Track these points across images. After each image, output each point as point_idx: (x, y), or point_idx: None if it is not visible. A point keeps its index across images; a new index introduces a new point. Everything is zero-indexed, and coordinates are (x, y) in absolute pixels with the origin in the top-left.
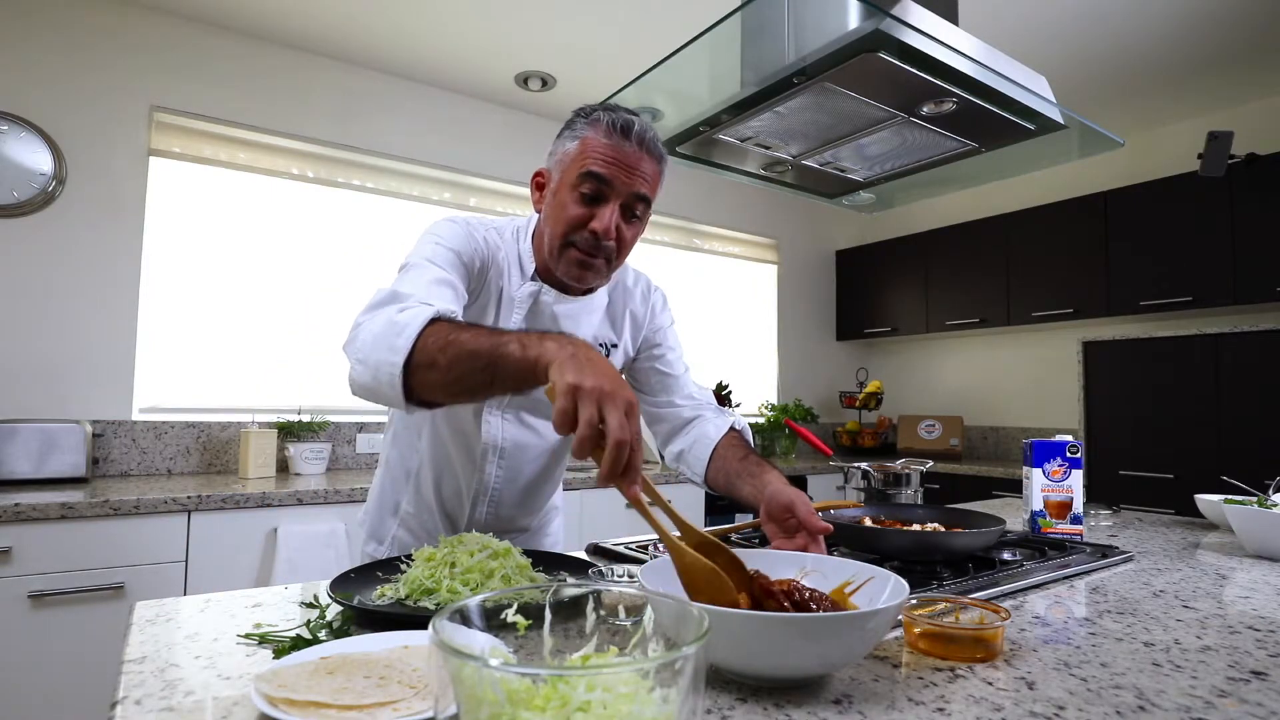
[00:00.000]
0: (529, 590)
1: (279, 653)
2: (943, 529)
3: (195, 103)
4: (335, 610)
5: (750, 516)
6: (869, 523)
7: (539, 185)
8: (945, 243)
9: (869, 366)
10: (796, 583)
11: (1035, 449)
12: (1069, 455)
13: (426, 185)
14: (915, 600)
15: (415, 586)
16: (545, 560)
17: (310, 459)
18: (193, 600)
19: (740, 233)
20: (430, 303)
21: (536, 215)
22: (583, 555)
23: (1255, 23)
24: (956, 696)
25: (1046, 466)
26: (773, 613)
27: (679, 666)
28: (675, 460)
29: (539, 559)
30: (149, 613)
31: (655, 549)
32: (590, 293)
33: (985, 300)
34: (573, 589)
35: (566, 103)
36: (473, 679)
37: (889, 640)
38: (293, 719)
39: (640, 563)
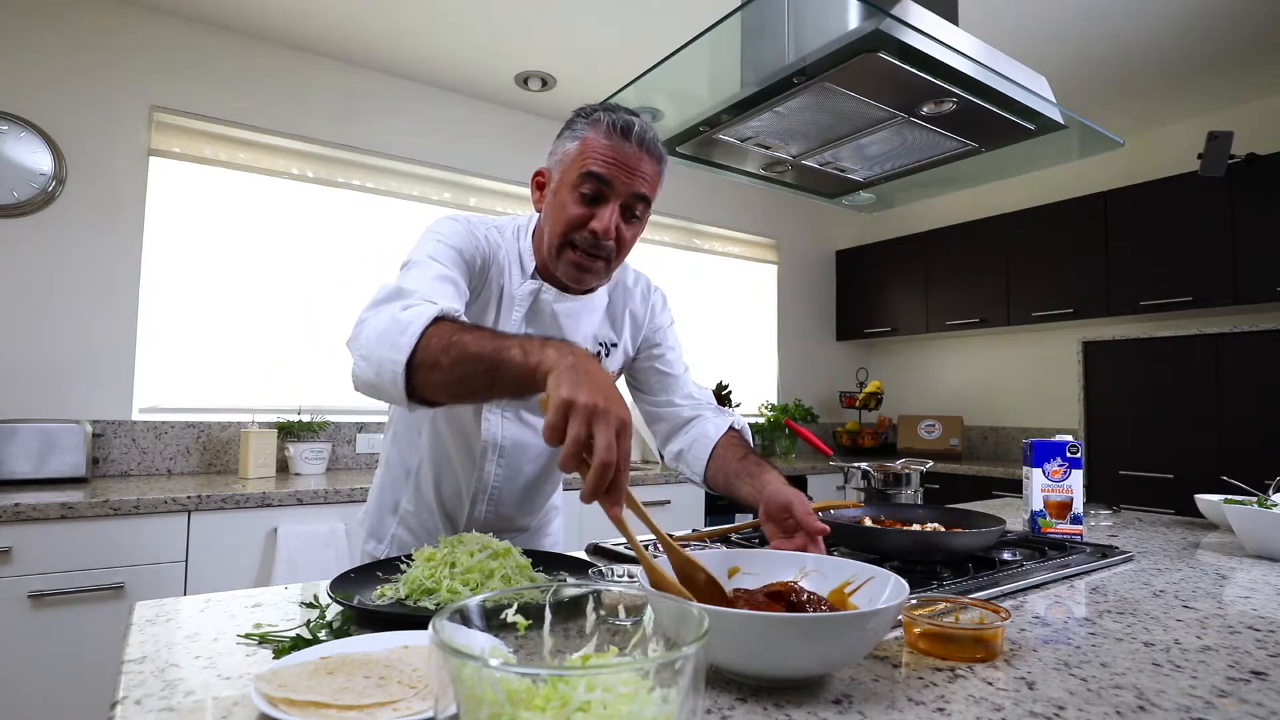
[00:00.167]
0: (529, 590)
1: (279, 653)
2: (943, 529)
3: (195, 103)
4: (335, 610)
5: (750, 516)
6: (869, 523)
7: (539, 185)
8: (945, 243)
9: (869, 366)
10: (794, 584)
11: (1035, 449)
12: (1069, 455)
13: (426, 185)
14: (915, 600)
15: (415, 586)
16: (545, 560)
17: (310, 459)
18: (193, 600)
19: (740, 233)
20: (434, 300)
21: (537, 214)
22: (583, 555)
23: (1255, 23)
24: (956, 696)
25: (1046, 466)
26: (773, 613)
27: (679, 666)
28: (674, 459)
29: (539, 559)
30: (149, 613)
31: (655, 549)
32: (590, 292)
33: (985, 300)
34: (573, 589)
35: (566, 103)
36: (473, 679)
37: (889, 640)
38: (293, 719)
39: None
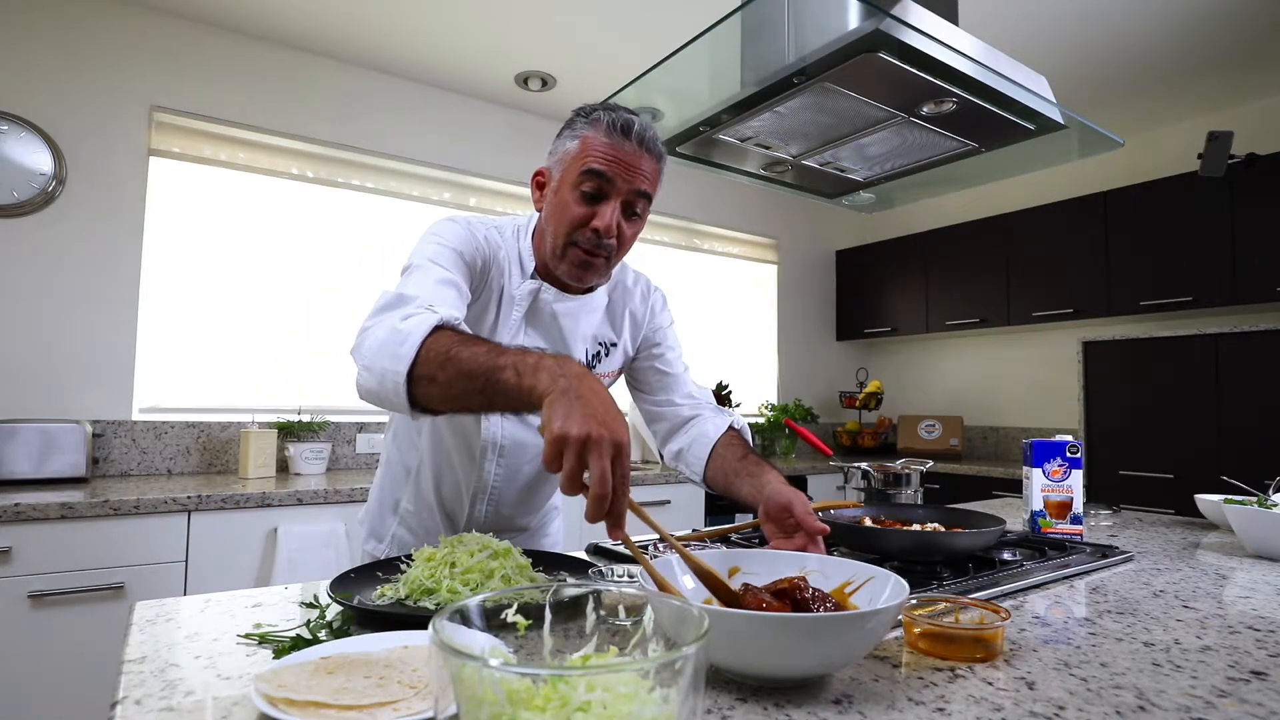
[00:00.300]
0: (529, 590)
1: (279, 653)
2: (943, 529)
3: (195, 103)
4: (335, 610)
5: (750, 516)
6: (869, 523)
7: (539, 184)
8: (945, 243)
9: (869, 366)
10: (799, 581)
11: (1035, 449)
12: (1069, 455)
13: (426, 185)
14: (915, 600)
15: (415, 586)
16: (545, 560)
17: (310, 459)
18: (193, 600)
19: (740, 233)
20: (435, 306)
21: (536, 214)
22: (583, 555)
23: (1255, 23)
24: (956, 696)
25: (1046, 466)
26: (773, 613)
27: (679, 666)
28: (674, 459)
29: (539, 559)
30: (149, 613)
31: (655, 549)
32: (590, 291)
33: (985, 300)
34: (573, 589)
35: (566, 103)
36: (473, 679)
37: (889, 640)
38: (293, 719)
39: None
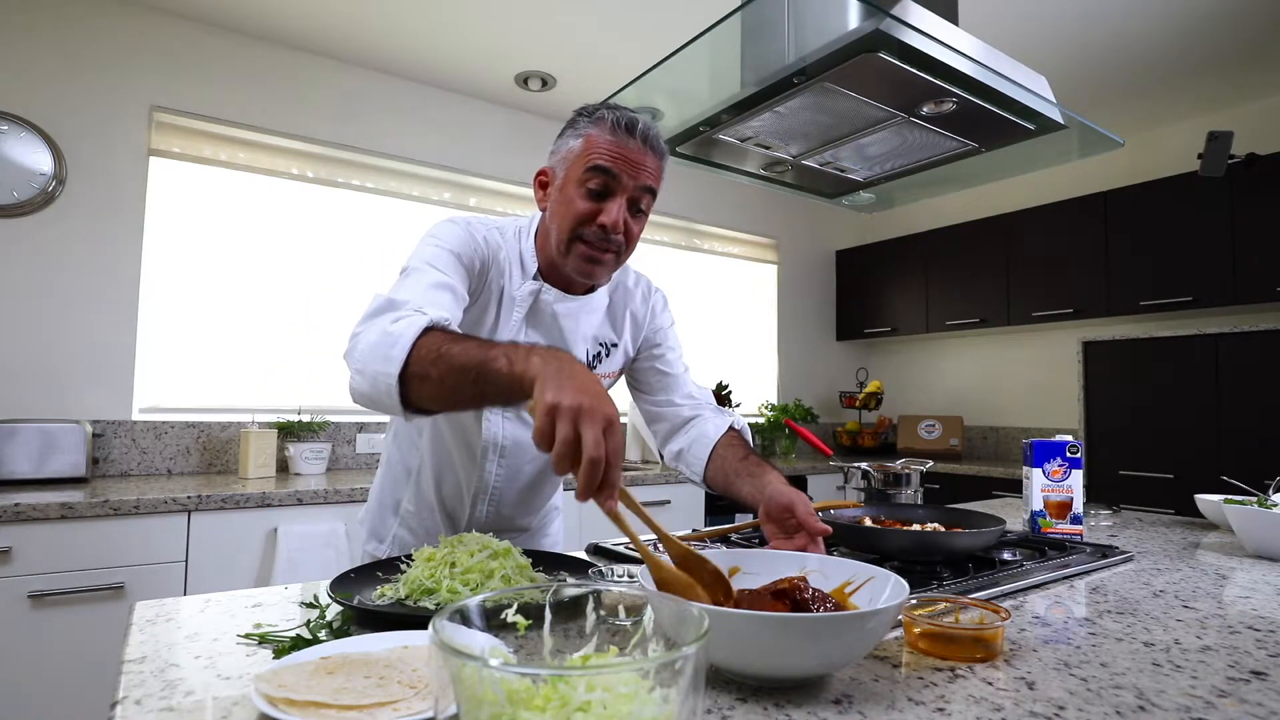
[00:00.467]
0: (529, 590)
1: (279, 653)
2: (943, 529)
3: (195, 103)
4: (335, 610)
5: (750, 516)
6: (869, 523)
7: (543, 184)
8: (945, 243)
9: (869, 366)
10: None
11: (1035, 449)
12: (1069, 455)
13: (426, 185)
14: (915, 600)
15: (415, 586)
16: (545, 560)
17: (310, 459)
18: (193, 600)
19: (740, 233)
20: (425, 310)
21: (539, 215)
22: (583, 555)
23: (1255, 23)
24: (956, 696)
25: (1046, 466)
26: (773, 613)
27: (679, 666)
28: (674, 459)
29: (539, 559)
30: (149, 613)
31: (655, 548)
32: (591, 292)
33: (985, 300)
34: (573, 589)
35: (566, 103)
36: (473, 679)
37: (889, 640)
38: (293, 719)
39: (640, 563)
